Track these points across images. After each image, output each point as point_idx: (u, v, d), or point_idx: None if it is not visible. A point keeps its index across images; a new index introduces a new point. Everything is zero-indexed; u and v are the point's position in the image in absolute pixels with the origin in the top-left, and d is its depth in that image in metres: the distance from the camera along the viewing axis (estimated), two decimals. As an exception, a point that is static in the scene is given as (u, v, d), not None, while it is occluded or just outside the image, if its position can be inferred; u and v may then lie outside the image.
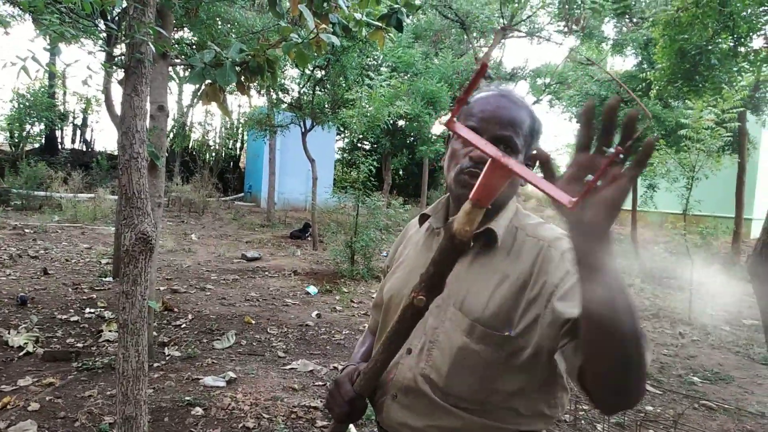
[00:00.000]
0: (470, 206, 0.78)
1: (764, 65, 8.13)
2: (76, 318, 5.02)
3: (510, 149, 1.09)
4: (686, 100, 7.99)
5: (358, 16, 4.47)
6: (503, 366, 1.04)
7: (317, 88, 10.98)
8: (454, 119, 0.73)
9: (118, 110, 5.54)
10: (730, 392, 4.43)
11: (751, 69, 7.37)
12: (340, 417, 1.10)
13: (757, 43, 8.25)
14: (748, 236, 13.33)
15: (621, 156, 0.70)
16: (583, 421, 3.63)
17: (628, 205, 11.98)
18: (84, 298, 5.72)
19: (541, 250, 1.08)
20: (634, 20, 10.78)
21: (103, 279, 6.59)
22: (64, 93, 20.18)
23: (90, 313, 5.21)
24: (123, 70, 1.96)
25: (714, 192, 11.38)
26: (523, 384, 1.04)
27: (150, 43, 1.82)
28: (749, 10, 6.58)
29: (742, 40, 7.15)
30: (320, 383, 3.97)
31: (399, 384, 1.11)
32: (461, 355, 1.05)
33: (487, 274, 1.09)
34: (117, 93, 7.84)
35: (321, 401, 3.63)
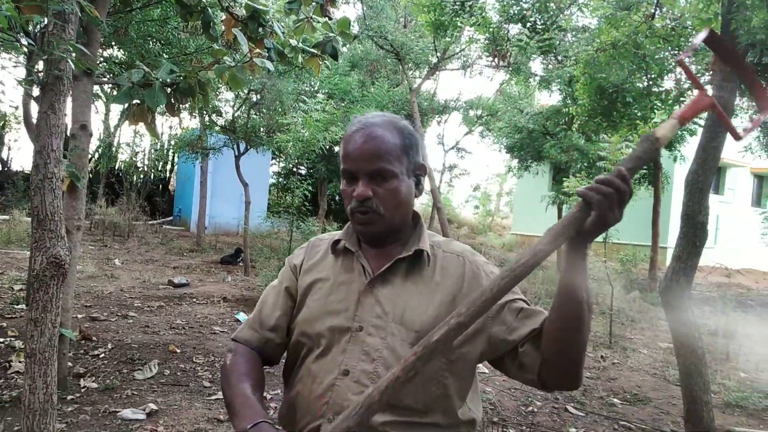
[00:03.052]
0: (676, 123, 1.00)
1: (675, 104, 8.74)
2: (-19, 349, 4.66)
3: (387, 177, 1.17)
4: (605, 135, 8.47)
5: (293, 42, 4.50)
6: (445, 373, 1.13)
7: (252, 111, 10.87)
8: (684, 58, 1.05)
9: (36, 128, 5.26)
10: (648, 413, 4.63)
11: (663, 107, 7.91)
12: None
13: (668, 83, 8.88)
14: (663, 264, 14.13)
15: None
16: (509, 445, 3.69)
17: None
18: (-8, 327, 5.33)
19: (464, 266, 1.22)
20: (559, 58, 11.38)
21: (15, 306, 6.17)
22: (-21, 109, 19.03)
23: (-1, 343, 4.86)
24: (40, 87, 1.87)
25: (632, 222, 12.02)
26: (458, 388, 1.16)
27: (69, 60, 1.76)
28: (661, 53, 7.09)
29: (655, 80, 7.68)
30: (247, 413, 3.85)
31: (336, 407, 1.09)
32: None
33: (421, 288, 1.17)
34: (36, 110, 7.47)
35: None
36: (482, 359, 1.20)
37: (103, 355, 4.85)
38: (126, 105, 4.00)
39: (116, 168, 19.94)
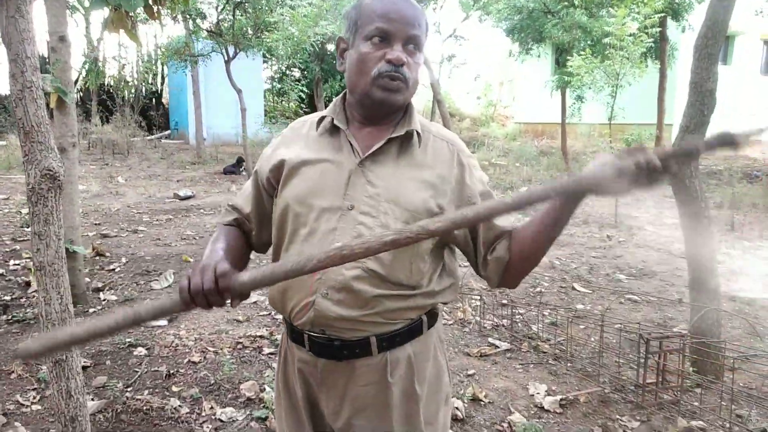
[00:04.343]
0: None
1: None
2: (0, 271, 4.76)
3: (418, 49, 1.15)
4: (610, 8, 8.06)
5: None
6: (431, 251, 1.18)
7: (237, 11, 10.37)
8: None
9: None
10: (653, 285, 4.76)
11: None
12: (211, 300, 0.99)
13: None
14: (669, 141, 13.97)
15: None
16: (519, 324, 3.82)
17: (557, 119, 12.25)
18: (6, 250, 5.42)
19: (454, 155, 1.22)
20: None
21: (25, 229, 6.24)
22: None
23: (15, 264, 4.96)
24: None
25: (637, 100, 11.74)
26: (438, 266, 1.22)
27: (28, -45, 1.62)
28: None
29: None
30: (264, 313, 3.98)
31: (330, 282, 1.12)
32: None
33: (413, 169, 1.18)
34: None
35: (267, 329, 3.65)
36: (458, 246, 1.26)
37: (118, 268, 4.96)
38: (106, 14, 3.78)
39: (106, 84, 19.44)
